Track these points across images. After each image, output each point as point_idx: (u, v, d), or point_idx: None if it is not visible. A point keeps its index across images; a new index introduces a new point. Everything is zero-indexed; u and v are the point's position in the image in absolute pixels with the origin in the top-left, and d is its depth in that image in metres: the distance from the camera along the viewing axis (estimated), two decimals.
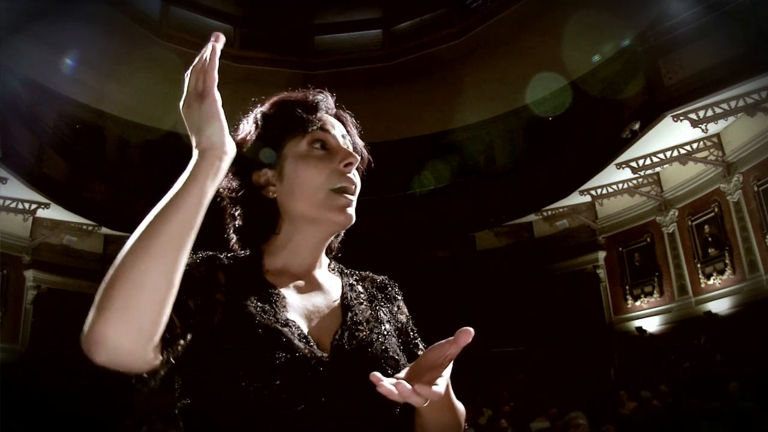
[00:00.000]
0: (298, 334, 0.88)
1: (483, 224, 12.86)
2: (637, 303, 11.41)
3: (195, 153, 0.81)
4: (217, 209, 1.00)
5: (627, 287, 11.63)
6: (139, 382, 0.79)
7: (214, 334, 0.85)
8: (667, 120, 8.70)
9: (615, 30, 11.19)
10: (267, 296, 0.92)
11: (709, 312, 9.54)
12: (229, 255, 0.99)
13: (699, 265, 10.11)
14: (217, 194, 0.94)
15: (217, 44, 0.83)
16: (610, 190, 11.10)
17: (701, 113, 8.58)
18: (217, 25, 14.50)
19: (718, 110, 8.50)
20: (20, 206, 10.15)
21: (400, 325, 1.06)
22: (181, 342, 0.82)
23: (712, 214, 9.89)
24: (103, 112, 13.21)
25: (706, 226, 10.09)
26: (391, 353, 0.93)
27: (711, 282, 9.85)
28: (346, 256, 1.15)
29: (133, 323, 0.70)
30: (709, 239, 9.97)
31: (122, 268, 0.71)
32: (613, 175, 10.61)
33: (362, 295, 1.04)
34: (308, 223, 0.99)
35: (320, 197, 0.97)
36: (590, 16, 10.75)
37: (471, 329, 0.74)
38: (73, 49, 11.38)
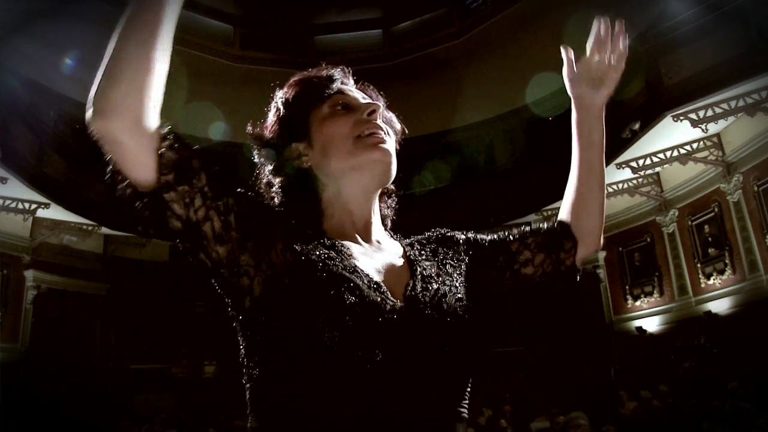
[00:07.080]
0: (368, 281, 0.85)
1: (483, 224, 12.85)
2: (637, 303, 11.42)
3: None
4: None
5: (627, 287, 11.64)
6: (135, 197, 0.84)
7: (278, 281, 0.83)
8: (667, 120, 8.70)
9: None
10: (331, 246, 0.90)
11: (709, 312, 9.54)
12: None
13: (699, 265, 10.11)
14: (259, 193, 1.03)
15: None
16: (610, 190, 11.08)
17: (701, 113, 8.57)
18: (217, 25, 14.50)
19: (718, 110, 8.50)
20: (20, 206, 10.13)
21: (469, 251, 1.07)
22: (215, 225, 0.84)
23: (712, 214, 9.89)
24: None
25: (706, 226, 10.09)
26: (465, 303, 0.92)
27: (711, 282, 9.85)
28: None
29: (127, 88, 0.81)
30: (709, 239, 9.97)
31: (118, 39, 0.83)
32: (613, 175, 10.60)
33: (425, 253, 1.03)
34: (348, 174, 0.98)
35: (349, 146, 0.97)
36: (590, 17, 10.71)
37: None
38: (73, 49, 11.35)
